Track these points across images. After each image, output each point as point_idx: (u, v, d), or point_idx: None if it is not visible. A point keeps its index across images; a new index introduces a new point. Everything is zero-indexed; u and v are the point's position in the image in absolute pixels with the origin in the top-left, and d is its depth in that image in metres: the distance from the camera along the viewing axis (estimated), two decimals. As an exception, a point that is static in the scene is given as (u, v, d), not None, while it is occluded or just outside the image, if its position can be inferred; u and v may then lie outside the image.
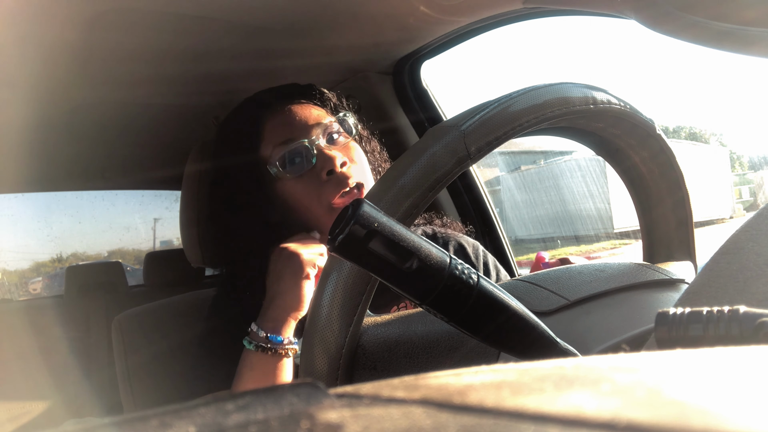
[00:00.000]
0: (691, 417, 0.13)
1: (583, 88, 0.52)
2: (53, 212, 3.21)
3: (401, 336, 0.51)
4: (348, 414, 0.16)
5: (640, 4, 0.73)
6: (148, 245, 3.49)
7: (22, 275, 4.08)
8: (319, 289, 0.47)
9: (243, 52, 1.18)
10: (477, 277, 0.38)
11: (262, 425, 0.15)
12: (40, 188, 2.32)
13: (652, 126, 0.58)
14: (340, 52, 1.24)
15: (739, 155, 6.93)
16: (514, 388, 0.17)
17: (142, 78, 1.25)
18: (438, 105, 1.40)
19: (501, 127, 0.47)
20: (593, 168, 6.19)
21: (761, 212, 0.39)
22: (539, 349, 0.40)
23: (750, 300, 0.33)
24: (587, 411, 0.14)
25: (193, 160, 1.17)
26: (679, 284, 0.58)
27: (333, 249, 0.35)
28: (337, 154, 0.88)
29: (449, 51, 1.31)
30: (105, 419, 0.16)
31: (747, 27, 0.64)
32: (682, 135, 7.54)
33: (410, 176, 0.45)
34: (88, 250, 3.71)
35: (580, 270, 0.57)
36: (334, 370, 0.47)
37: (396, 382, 0.19)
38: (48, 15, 0.92)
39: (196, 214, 1.15)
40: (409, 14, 1.11)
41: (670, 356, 0.20)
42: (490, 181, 8.21)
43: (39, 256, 3.91)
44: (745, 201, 6.88)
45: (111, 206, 3.08)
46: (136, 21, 0.99)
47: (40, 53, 1.04)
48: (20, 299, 2.88)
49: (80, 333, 2.16)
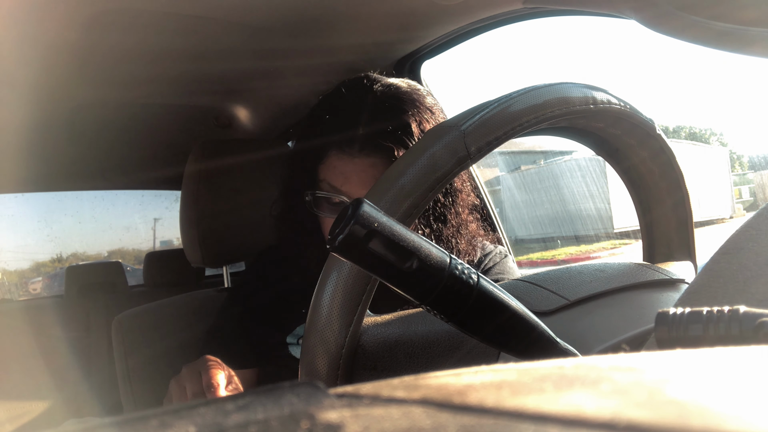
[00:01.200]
0: (691, 417, 0.13)
1: (583, 88, 0.52)
2: (53, 212, 3.22)
3: (401, 336, 0.51)
4: (348, 414, 0.16)
5: (640, 4, 0.73)
6: (148, 245, 3.49)
7: (22, 275, 4.08)
8: (319, 289, 0.47)
9: (243, 52, 1.18)
10: (477, 277, 0.38)
11: (262, 425, 0.15)
12: (40, 188, 2.32)
13: (652, 126, 0.58)
14: (340, 52, 1.24)
15: (739, 155, 6.93)
16: (514, 388, 0.17)
17: (142, 78, 1.25)
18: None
19: (501, 127, 0.47)
20: (593, 168, 6.20)
21: (761, 212, 0.39)
22: (539, 349, 0.40)
23: (750, 300, 0.33)
24: (587, 411, 0.14)
25: (193, 160, 1.17)
26: (679, 284, 0.58)
27: (333, 249, 0.35)
28: None
29: (449, 51, 1.32)
30: (105, 419, 0.16)
31: (747, 27, 0.64)
32: (682, 135, 7.54)
33: (410, 176, 0.45)
34: (88, 250, 3.71)
35: (580, 270, 0.57)
36: (334, 370, 0.47)
37: (396, 382, 0.19)
38: (47, 15, 0.92)
39: (196, 214, 1.15)
40: (409, 14, 1.11)
41: (670, 356, 0.20)
42: (490, 181, 8.22)
43: (39, 256, 3.91)
44: (745, 201, 6.89)
45: (111, 206, 3.08)
46: (136, 21, 0.99)
47: (40, 53, 1.04)
48: (20, 299, 2.88)
49: (80, 333, 2.16)
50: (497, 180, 8.73)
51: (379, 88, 0.88)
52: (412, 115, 0.85)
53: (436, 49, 1.30)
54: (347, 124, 0.85)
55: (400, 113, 0.85)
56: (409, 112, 0.85)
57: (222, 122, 1.57)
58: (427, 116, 0.87)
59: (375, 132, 0.84)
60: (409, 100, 0.87)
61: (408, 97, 0.88)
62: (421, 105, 0.88)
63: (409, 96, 0.88)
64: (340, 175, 0.86)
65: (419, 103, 0.87)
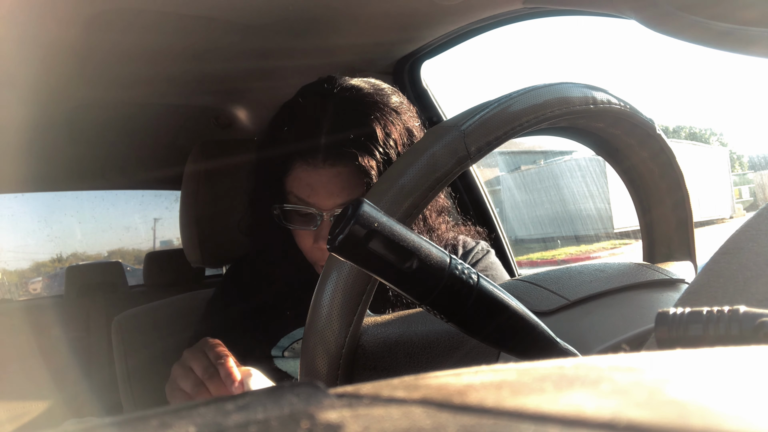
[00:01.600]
0: (691, 417, 0.13)
1: (583, 88, 0.52)
2: (53, 212, 3.22)
3: (401, 336, 0.51)
4: (348, 414, 0.16)
5: (640, 4, 0.73)
6: (148, 245, 3.50)
7: (22, 275, 4.08)
8: (319, 289, 0.47)
9: (243, 52, 1.18)
10: (477, 277, 0.38)
11: (262, 425, 0.15)
12: (40, 188, 2.32)
13: (652, 126, 0.58)
14: (340, 52, 1.24)
15: (739, 155, 6.94)
16: (514, 388, 0.17)
17: (142, 78, 1.25)
18: (438, 105, 1.41)
19: (501, 127, 0.47)
20: (593, 168, 6.20)
21: (761, 212, 0.39)
22: (539, 349, 0.40)
23: (750, 300, 0.33)
24: (587, 411, 0.14)
25: (193, 160, 1.17)
26: (679, 284, 0.58)
27: (333, 249, 0.35)
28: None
29: (449, 51, 1.32)
30: (105, 419, 0.16)
31: (747, 27, 0.64)
32: (682, 135, 7.55)
33: (410, 176, 0.46)
34: (88, 250, 3.71)
35: (580, 270, 0.57)
36: (334, 370, 0.47)
37: (396, 382, 0.19)
38: (47, 15, 0.92)
39: (196, 214, 1.15)
40: (409, 14, 1.11)
41: (670, 356, 0.20)
42: (490, 181, 8.23)
43: (39, 256, 3.91)
44: (745, 201, 6.89)
45: (111, 206, 3.08)
46: (136, 21, 0.99)
47: (40, 53, 1.04)
48: (20, 299, 2.88)
49: (80, 333, 2.16)
50: (497, 180, 8.72)
51: (340, 94, 0.85)
52: (375, 119, 0.82)
53: (436, 49, 1.30)
54: (308, 134, 0.82)
55: (363, 118, 0.82)
56: (372, 117, 0.82)
57: (222, 122, 1.57)
58: (393, 118, 0.84)
59: (338, 141, 0.81)
60: (371, 103, 0.84)
61: (370, 99, 0.85)
62: (385, 107, 0.85)
63: (371, 99, 0.85)
64: (307, 186, 0.83)
65: (383, 105, 0.84)
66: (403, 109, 0.88)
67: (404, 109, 0.88)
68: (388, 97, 0.87)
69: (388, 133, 0.83)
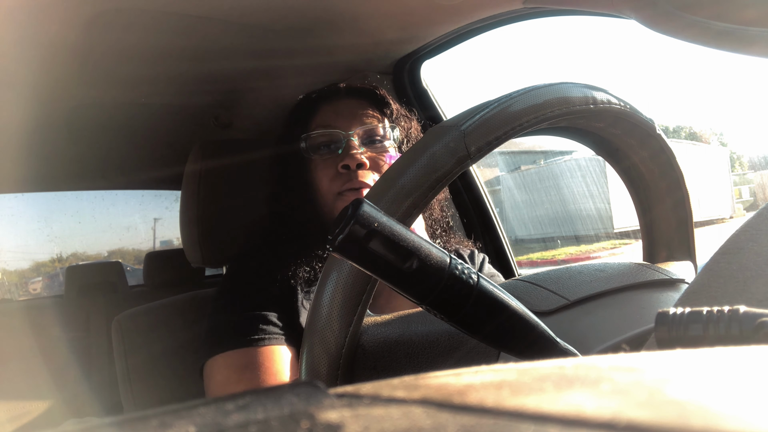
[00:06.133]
0: (691, 417, 0.13)
1: (583, 88, 0.52)
2: (53, 212, 3.22)
3: (401, 336, 0.51)
4: (348, 414, 0.16)
5: (640, 4, 0.73)
6: (148, 245, 3.49)
7: (22, 275, 4.07)
8: (319, 289, 0.47)
9: (243, 52, 1.18)
10: (477, 277, 0.38)
11: (262, 425, 0.15)
12: (40, 188, 2.32)
13: (652, 126, 0.58)
14: (340, 52, 1.24)
15: (739, 155, 6.94)
16: (514, 388, 0.17)
17: (142, 78, 1.25)
18: (438, 105, 1.41)
19: (501, 127, 0.47)
20: (593, 168, 6.20)
21: (761, 212, 0.39)
22: (539, 349, 0.40)
23: (750, 300, 0.33)
24: (587, 411, 0.14)
25: (193, 160, 1.17)
26: (679, 284, 0.58)
27: (333, 249, 0.35)
28: (362, 157, 0.93)
29: (449, 51, 1.31)
30: (105, 419, 0.16)
31: (747, 27, 0.64)
32: (682, 135, 7.55)
33: (410, 176, 0.45)
34: (88, 250, 3.71)
35: (580, 270, 0.57)
36: (334, 370, 0.47)
37: (396, 382, 0.19)
38: (47, 15, 0.92)
39: (196, 213, 1.15)
40: (409, 14, 1.11)
41: (670, 356, 0.20)
42: (490, 181, 8.22)
43: (39, 256, 3.91)
44: (745, 201, 6.89)
45: (111, 206, 3.08)
46: (136, 21, 0.99)
47: (40, 53, 1.04)
48: (20, 299, 2.88)
49: (80, 333, 2.16)
50: (497, 180, 8.72)
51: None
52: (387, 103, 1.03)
53: (436, 49, 1.30)
54: (332, 89, 1.02)
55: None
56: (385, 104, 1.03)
57: (222, 122, 1.57)
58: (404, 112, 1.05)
59: (367, 90, 1.02)
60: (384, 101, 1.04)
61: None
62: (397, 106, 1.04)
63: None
64: (332, 113, 0.98)
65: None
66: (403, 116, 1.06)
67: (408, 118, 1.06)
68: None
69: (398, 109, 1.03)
